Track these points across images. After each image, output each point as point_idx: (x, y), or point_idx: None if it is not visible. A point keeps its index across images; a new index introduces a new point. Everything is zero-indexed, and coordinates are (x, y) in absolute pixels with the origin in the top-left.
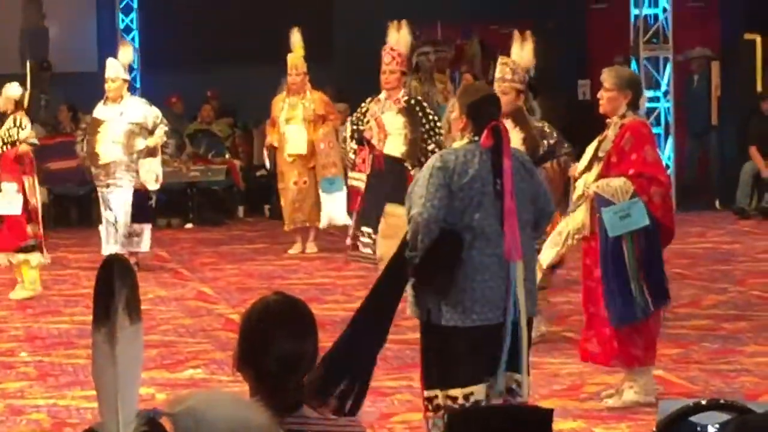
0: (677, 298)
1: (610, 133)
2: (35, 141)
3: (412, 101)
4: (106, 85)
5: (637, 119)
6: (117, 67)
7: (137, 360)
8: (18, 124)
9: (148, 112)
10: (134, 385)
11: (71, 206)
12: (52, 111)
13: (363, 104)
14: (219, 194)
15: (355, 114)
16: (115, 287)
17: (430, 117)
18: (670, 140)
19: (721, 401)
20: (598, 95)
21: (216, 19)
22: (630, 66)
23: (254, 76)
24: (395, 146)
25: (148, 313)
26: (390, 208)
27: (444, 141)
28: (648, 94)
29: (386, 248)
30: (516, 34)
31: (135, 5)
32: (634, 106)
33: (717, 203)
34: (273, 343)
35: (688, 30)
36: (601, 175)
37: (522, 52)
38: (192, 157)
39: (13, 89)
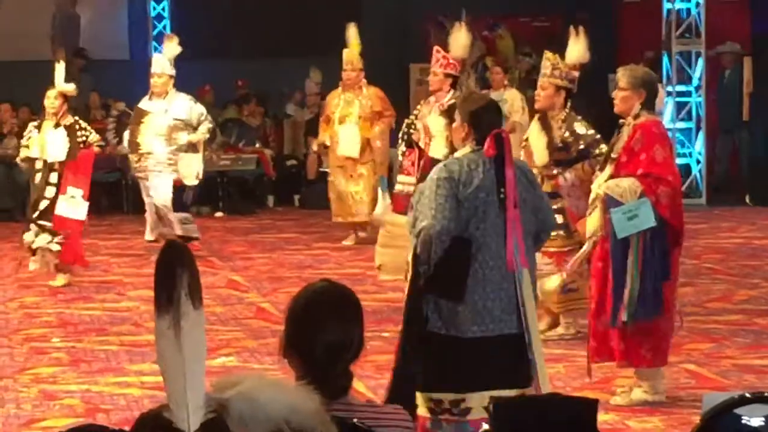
0: (708, 293)
1: (624, 133)
2: (103, 143)
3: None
4: (152, 81)
5: (650, 119)
6: (163, 63)
7: (202, 345)
8: (84, 127)
9: (193, 109)
10: (201, 370)
11: (101, 193)
12: (83, 99)
13: (418, 106)
14: (249, 183)
15: (410, 116)
16: (176, 273)
17: None
18: (701, 135)
19: (767, 394)
20: (613, 95)
21: (247, 8)
22: (662, 60)
23: (285, 67)
24: (438, 148)
25: None
26: (390, 218)
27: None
28: (679, 88)
29: (384, 257)
30: (571, 29)
31: None
32: (648, 105)
33: (747, 198)
34: (320, 329)
35: (721, 25)
36: (612, 176)
37: (573, 48)
38: (222, 146)
39: (69, 87)
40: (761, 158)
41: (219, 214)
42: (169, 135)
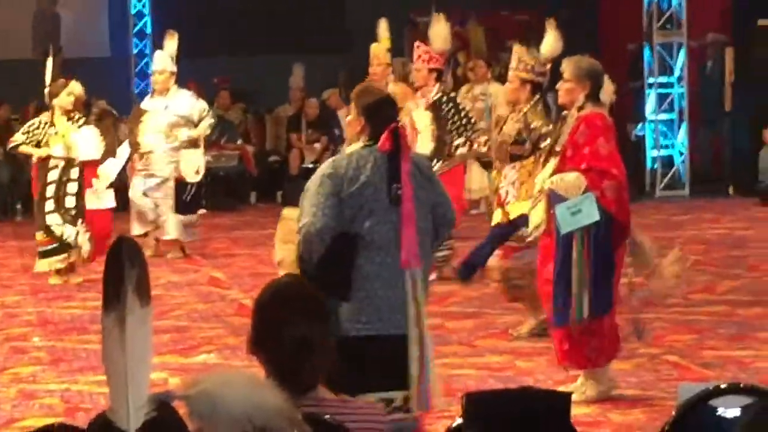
0: (691, 284)
1: (567, 125)
2: None
3: (444, 98)
4: (153, 78)
5: (594, 111)
6: (164, 60)
7: (147, 344)
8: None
9: (195, 105)
10: (145, 369)
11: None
12: None
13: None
14: (231, 180)
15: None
16: (125, 270)
17: (463, 113)
18: (684, 126)
19: (741, 385)
20: (557, 86)
21: (228, 5)
22: (643, 52)
23: (267, 63)
24: (424, 144)
25: (160, 298)
26: (286, 212)
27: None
28: (661, 80)
29: (283, 252)
30: (546, 22)
31: None
32: (593, 97)
33: (730, 189)
34: (285, 324)
35: (702, 16)
36: (557, 170)
37: (545, 41)
38: (205, 143)
39: (79, 88)
40: (744, 149)
41: (201, 211)
42: (169, 132)
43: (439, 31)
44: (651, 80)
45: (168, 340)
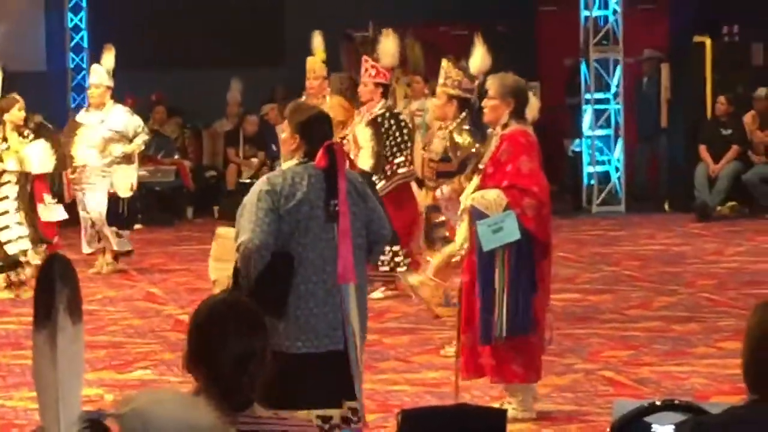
0: (627, 300)
1: (492, 143)
2: None
3: (387, 113)
4: (89, 92)
5: (518, 129)
6: (101, 74)
7: (79, 361)
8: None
9: (130, 121)
10: (76, 386)
11: None
12: None
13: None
14: (168, 195)
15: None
16: (55, 287)
17: (405, 130)
18: (620, 143)
19: (676, 402)
20: (483, 104)
21: (166, 20)
22: (580, 67)
23: (204, 78)
24: (364, 160)
25: (96, 314)
26: (221, 230)
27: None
28: (597, 96)
29: (218, 271)
30: (475, 37)
31: (84, 4)
32: (518, 115)
33: (666, 205)
34: (224, 341)
35: (639, 32)
36: (479, 187)
37: (474, 57)
38: (141, 158)
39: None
40: (680, 165)
41: (138, 226)
42: (103, 147)
43: (388, 46)
44: (588, 96)
45: (104, 356)
